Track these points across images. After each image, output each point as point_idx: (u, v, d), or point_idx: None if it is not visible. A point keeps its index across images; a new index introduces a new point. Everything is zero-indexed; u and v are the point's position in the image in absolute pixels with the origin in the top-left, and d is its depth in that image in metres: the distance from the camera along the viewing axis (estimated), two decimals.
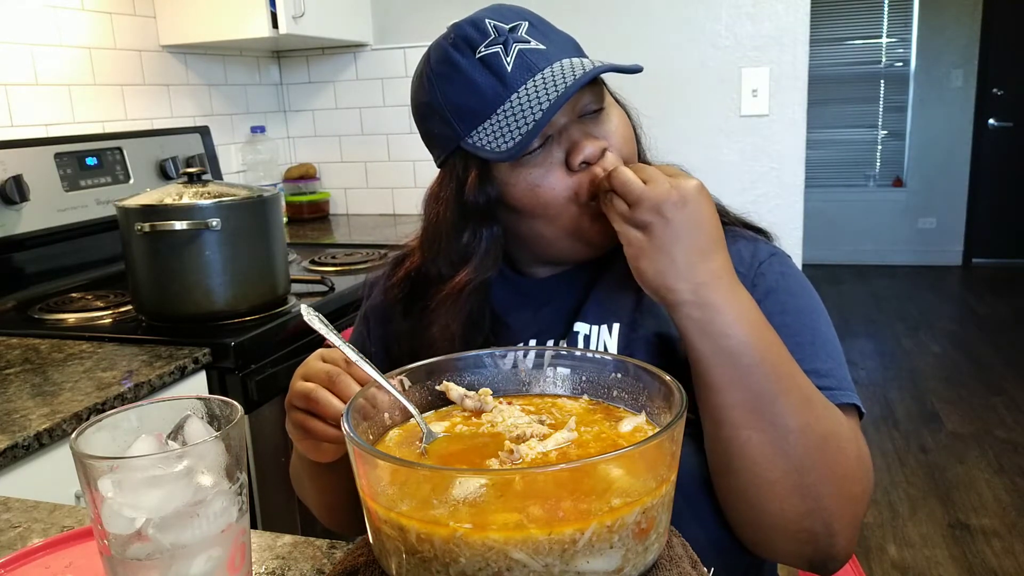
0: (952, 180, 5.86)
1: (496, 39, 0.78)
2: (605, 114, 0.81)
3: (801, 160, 2.39)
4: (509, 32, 0.79)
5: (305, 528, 1.61)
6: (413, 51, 2.65)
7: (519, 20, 0.80)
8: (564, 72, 0.76)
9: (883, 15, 5.82)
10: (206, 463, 0.50)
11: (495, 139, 0.76)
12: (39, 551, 0.70)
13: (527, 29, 0.79)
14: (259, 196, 1.52)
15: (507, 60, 0.77)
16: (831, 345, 0.80)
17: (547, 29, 0.82)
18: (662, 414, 0.55)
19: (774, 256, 0.85)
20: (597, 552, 0.44)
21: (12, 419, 1.10)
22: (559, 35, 0.83)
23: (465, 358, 0.64)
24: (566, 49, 0.81)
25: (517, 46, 0.78)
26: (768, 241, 0.89)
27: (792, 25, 2.31)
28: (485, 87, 0.78)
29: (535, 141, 0.76)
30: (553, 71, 0.77)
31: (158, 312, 1.52)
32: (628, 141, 0.83)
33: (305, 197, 2.78)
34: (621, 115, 0.84)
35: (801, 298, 0.83)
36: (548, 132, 0.78)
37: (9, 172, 1.70)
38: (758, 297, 0.78)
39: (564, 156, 0.79)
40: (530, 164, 0.79)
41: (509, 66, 0.77)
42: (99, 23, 2.04)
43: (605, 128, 0.81)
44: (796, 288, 0.83)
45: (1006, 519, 2.57)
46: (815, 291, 0.85)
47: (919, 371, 3.88)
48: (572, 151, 0.78)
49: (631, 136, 0.84)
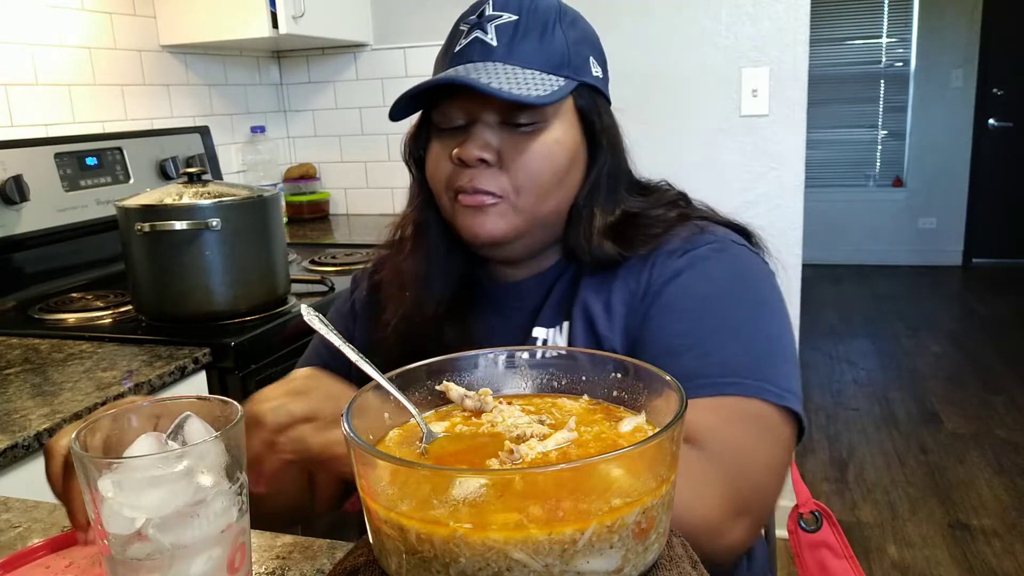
0: (952, 180, 5.86)
1: (474, 19, 0.83)
2: (528, 137, 0.82)
3: (801, 160, 2.38)
4: (486, 18, 0.82)
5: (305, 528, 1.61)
6: (413, 51, 2.64)
7: (508, 12, 0.82)
8: (465, 73, 0.79)
9: (883, 15, 5.82)
10: (206, 463, 0.50)
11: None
12: (39, 551, 0.70)
13: (504, 22, 0.81)
14: (259, 196, 1.52)
15: (461, 41, 0.84)
16: (750, 332, 0.79)
17: (528, 30, 0.81)
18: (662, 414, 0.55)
19: (714, 251, 0.83)
20: (597, 552, 0.44)
21: (12, 419, 1.10)
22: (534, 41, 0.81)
23: (465, 358, 0.64)
24: (519, 56, 0.81)
25: (476, 34, 0.82)
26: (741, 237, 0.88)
27: (792, 25, 2.31)
28: (441, 54, 0.86)
29: (457, 120, 0.83)
30: (466, 68, 0.80)
31: (158, 312, 1.52)
32: (536, 173, 0.82)
33: (305, 197, 2.78)
34: (551, 149, 0.83)
35: (720, 284, 0.82)
36: (467, 119, 0.83)
37: (9, 172, 1.70)
38: (664, 283, 0.81)
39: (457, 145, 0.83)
40: (441, 136, 0.86)
41: (458, 46, 0.83)
42: (99, 23, 2.04)
43: (513, 148, 0.82)
44: (719, 274, 0.82)
45: (1006, 519, 2.57)
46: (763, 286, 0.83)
47: (919, 371, 3.88)
48: (459, 144, 0.83)
49: (547, 169, 0.83)
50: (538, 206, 0.84)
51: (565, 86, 0.81)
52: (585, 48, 0.85)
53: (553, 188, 0.84)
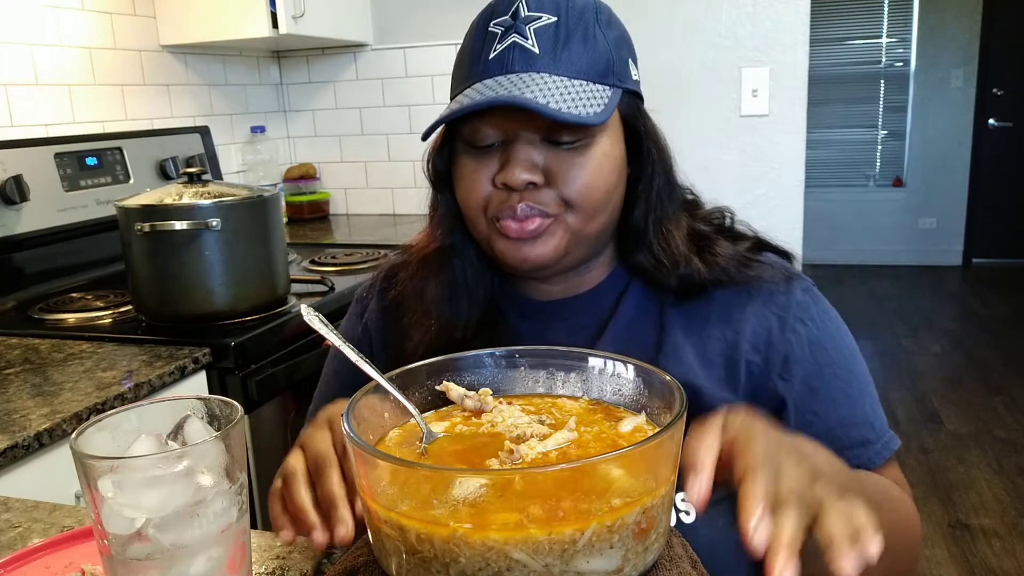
0: (952, 180, 5.86)
1: (507, 20, 0.75)
2: (575, 153, 0.75)
3: (801, 160, 2.39)
4: (523, 20, 0.74)
5: None
6: (413, 51, 2.65)
7: (546, 13, 0.74)
8: (511, 87, 0.72)
9: (883, 15, 5.82)
10: (206, 463, 0.50)
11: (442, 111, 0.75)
12: (39, 551, 0.70)
13: (544, 24, 0.74)
14: (259, 196, 1.52)
15: (496, 46, 0.75)
16: (867, 380, 0.81)
17: (570, 33, 0.74)
18: (662, 414, 0.55)
19: (807, 293, 0.81)
20: (597, 552, 0.44)
21: (12, 419, 1.10)
22: (578, 45, 0.74)
23: (465, 358, 0.64)
24: (566, 65, 0.73)
25: (514, 38, 0.74)
26: (791, 265, 0.85)
27: (792, 25, 2.31)
28: (470, 59, 0.77)
29: (492, 137, 0.76)
30: (510, 80, 0.72)
31: (158, 312, 1.52)
32: (587, 189, 0.76)
33: (305, 197, 2.78)
34: (602, 164, 0.76)
35: (840, 340, 0.81)
36: (504, 137, 0.76)
37: (9, 172, 1.70)
38: (800, 345, 0.77)
39: (498, 167, 0.76)
40: (475, 156, 0.78)
41: (493, 52, 0.75)
42: (99, 23, 2.04)
43: (560, 165, 0.75)
44: (834, 329, 0.81)
45: (1006, 519, 2.57)
46: (839, 316, 0.83)
47: (919, 371, 3.88)
48: (502, 167, 0.76)
49: (599, 186, 0.77)
50: (588, 224, 0.78)
51: (613, 96, 0.75)
52: (624, 50, 0.78)
53: (604, 205, 0.78)
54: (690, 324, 0.80)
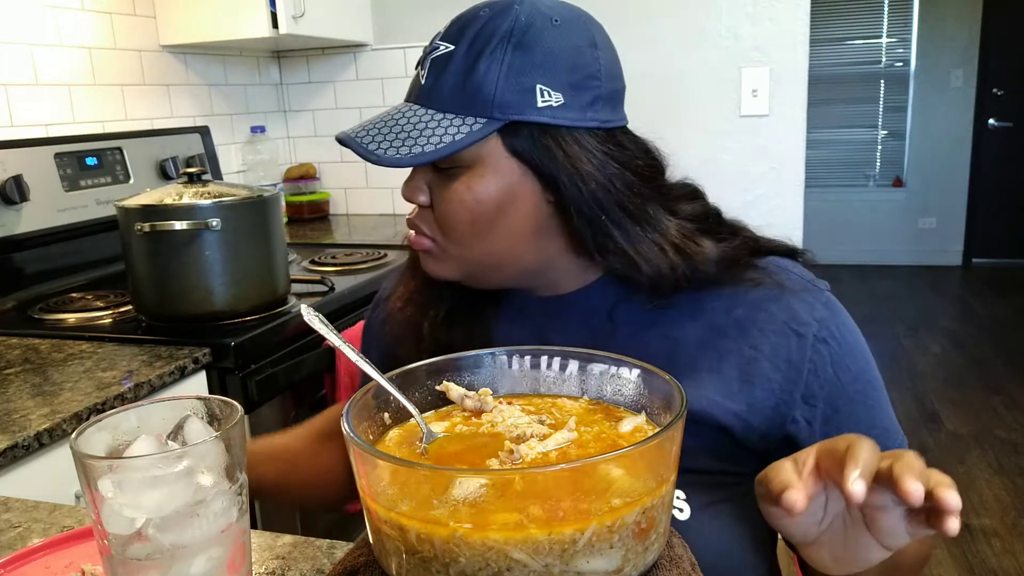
0: (952, 180, 5.86)
1: (426, 48, 0.80)
2: (450, 180, 0.76)
3: (801, 160, 2.39)
4: (429, 49, 0.78)
5: (305, 528, 1.61)
6: (413, 51, 2.64)
7: (446, 43, 0.76)
8: (384, 117, 0.79)
9: (883, 15, 5.82)
10: (206, 463, 0.50)
11: None
12: (39, 551, 0.70)
13: (439, 55, 0.76)
14: (259, 196, 1.52)
15: (415, 70, 0.81)
16: (881, 385, 0.82)
17: (455, 66, 0.75)
18: (662, 414, 0.55)
19: (827, 307, 0.80)
20: (597, 552, 0.44)
21: (12, 419, 1.10)
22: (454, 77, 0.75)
23: (465, 358, 0.64)
24: (436, 97, 0.76)
25: (419, 68, 0.80)
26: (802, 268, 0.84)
27: (792, 25, 2.31)
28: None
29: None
30: (396, 109, 0.79)
31: (158, 312, 1.52)
32: (451, 218, 0.77)
33: (305, 197, 2.78)
34: (462, 196, 0.76)
35: (860, 354, 0.81)
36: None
37: (9, 172, 1.70)
38: (823, 366, 0.77)
39: None
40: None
41: (412, 77, 0.82)
42: (99, 23, 2.04)
43: (437, 191, 0.78)
44: (853, 341, 0.80)
45: (1006, 519, 2.57)
46: (854, 323, 0.83)
47: (919, 371, 3.88)
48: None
49: (461, 215, 0.76)
50: (468, 250, 0.79)
51: (479, 130, 0.73)
52: (531, 76, 0.73)
53: (474, 233, 0.77)
54: (706, 335, 0.79)
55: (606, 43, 0.80)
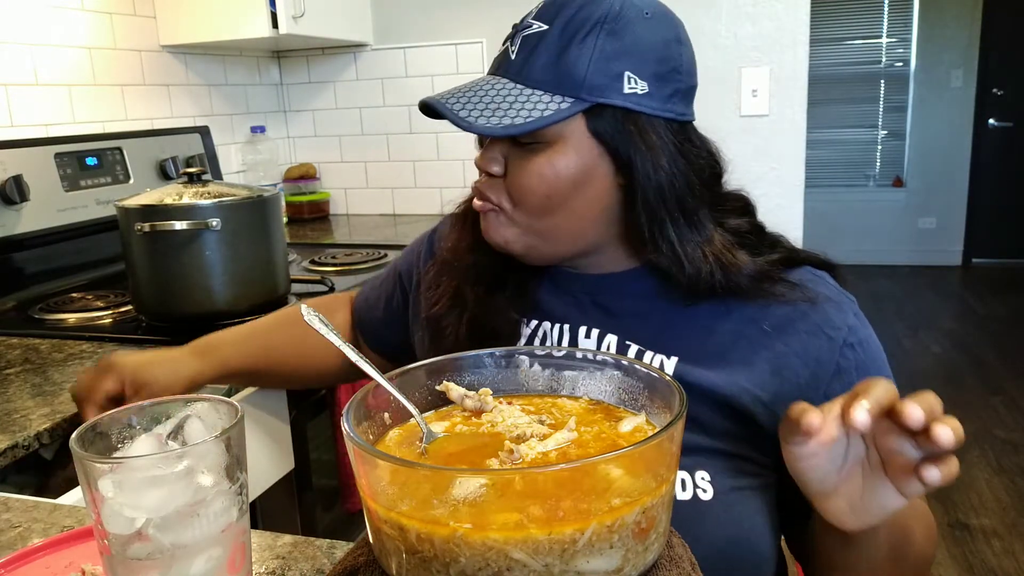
0: (952, 180, 5.86)
1: (517, 25, 0.82)
2: (529, 154, 0.80)
3: (801, 160, 2.38)
4: (520, 27, 0.81)
5: (305, 528, 1.61)
6: (413, 51, 2.65)
7: (540, 22, 0.79)
8: (473, 87, 0.81)
9: (883, 15, 5.82)
10: (206, 463, 0.50)
11: None
12: (39, 551, 0.70)
13: (531, 33, 0.79)
14: (259, 196, 1.52)
15: (504, 45, 0.83)
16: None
17: (548, 45, 0.78)
18: (662, 414, 0.55)
19: (857, 317, 0.84)
20: (597, 552, 0.44)
21: (12, 419, 1.10)
22: (546, 55, 0.78)
23: (465, 358, 0.64)
24: (527, 73, 0.78)
25: (508, 43, 0.82)
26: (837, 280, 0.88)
27: (792, 25, 2.31)
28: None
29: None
30: (484, 79, 0.82)
31: (158, 312, 1.52)
32: (524, 190, 0.80)
33: (305, 197, 2.78)
34: (543, 170, 0.79)
35: (883, 365, 0.83)
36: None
37: (9, 172, 1.70)
38: (849, 370, 0.79)
39: None
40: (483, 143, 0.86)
41: (500, 50, 0.84)
42: (99, 23, 2.04)
43: (514, 163, 0.81)
44: (875, 351, 0.83)
45: (1006, 519, 2.57)
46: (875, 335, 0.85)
47: (919, 371, 3.88)
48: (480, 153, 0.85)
49: (537, 189, 0.80)
50: (535, 222, 0.82)
51: (567, 108, 0.76)
52: (621, 62, 0.77)
53: (545, 207, 0.81)
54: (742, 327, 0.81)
55: (688, 41, 0.85)
